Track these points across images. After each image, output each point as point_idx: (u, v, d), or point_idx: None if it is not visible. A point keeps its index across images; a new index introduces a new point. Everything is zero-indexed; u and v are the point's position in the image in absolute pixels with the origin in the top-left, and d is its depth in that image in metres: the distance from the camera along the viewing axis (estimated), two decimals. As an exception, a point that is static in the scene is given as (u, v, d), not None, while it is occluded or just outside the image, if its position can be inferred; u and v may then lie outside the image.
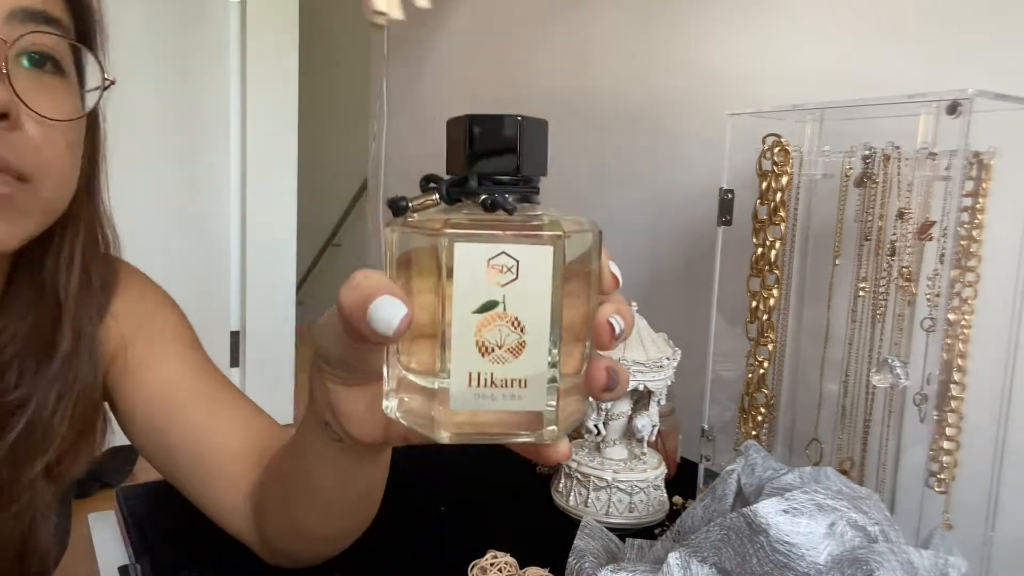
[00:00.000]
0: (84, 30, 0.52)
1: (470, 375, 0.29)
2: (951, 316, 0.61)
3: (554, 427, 0.30)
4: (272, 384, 2.41)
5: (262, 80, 2.19)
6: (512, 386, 0.29)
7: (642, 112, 1.08)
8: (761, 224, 0.72)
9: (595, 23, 1.16)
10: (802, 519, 0.46)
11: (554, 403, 0.30)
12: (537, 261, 0.28)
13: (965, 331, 0.62)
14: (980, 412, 0.64)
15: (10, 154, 0.44)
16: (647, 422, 0.72)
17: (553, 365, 0.29)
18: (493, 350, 0.29)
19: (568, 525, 0.68)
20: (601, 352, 0.32)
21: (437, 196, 0.31)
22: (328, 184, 3.31)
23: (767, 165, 0.71)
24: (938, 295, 0.59)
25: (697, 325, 0.79)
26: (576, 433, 0.85)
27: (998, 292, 0.64)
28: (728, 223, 0.74)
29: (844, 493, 0.50)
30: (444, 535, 0.69)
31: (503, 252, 0.28)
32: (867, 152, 0.64)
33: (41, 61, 0.47)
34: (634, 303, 0.74)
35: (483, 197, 0.30)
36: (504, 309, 0.28)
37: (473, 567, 0.59)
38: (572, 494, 0.74)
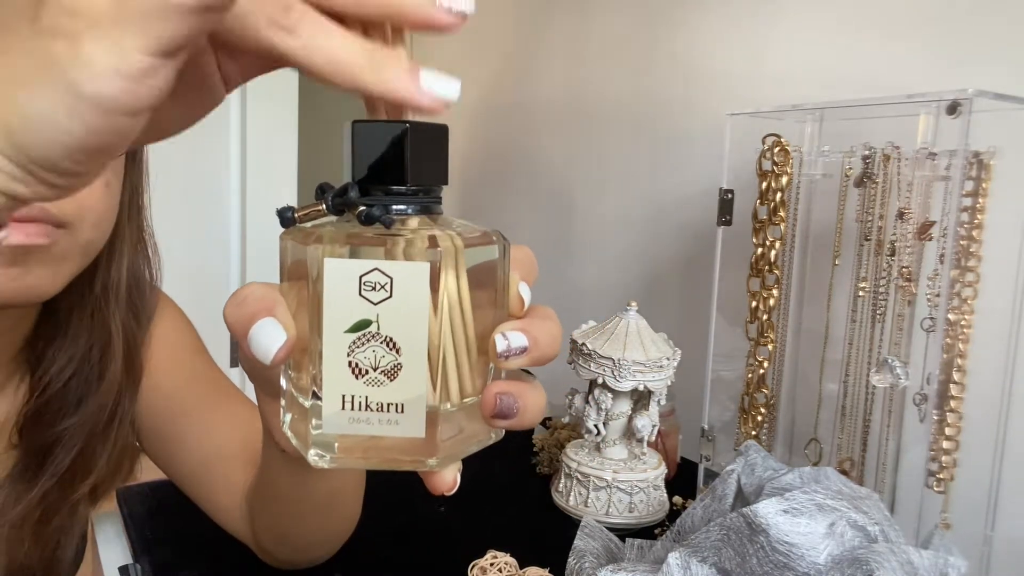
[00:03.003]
0: None
1: (343, 398, 0.27)
2: (951, 316, 0.61)
3: (433, 459, 0.28)
4: (272, 384, 2.40)
5: (262, 80, 2.19)
6: (388, 410, 0.27)
7: (642, 112, 1.08)
8: (761, 224, 0.72)
9: (595, 23, 1.16)
10: (802, 519, 0.46)
11: (435, 429, 0.27)
12: (412, 278, 0.26)
13: (965, 331, 0.62)
14: (980, 412, 0.64)
15: (49, 203, 0.43)
16: (647, 422, 0.72)
17: (434, 390, 0.27)
18: (367, 372, 0.27)
19: (568, 525, 0.68)
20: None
21: (324, 206, 0.29)
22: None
23: (767, 165, 0.71)
24: (938, 295, 0.59)
25: (697, 325, 0.79)
26: (576, 433, 0.85)
27: (998, 292, 0.64)
28: (728, 223, 0.74)
29: (844, 493, 0.50)
30: (444, 535, 0.69)
31: (376, 268, 0.26)
32: (867, 152, 0.64)
33: None
34: (634, 303, 0.74)
35: (360, 209, 0.27)
36: (378, 329, 0.26)
37: (473, 567, 0.59)
38: (572, 494, 0.74)
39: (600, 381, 0.71)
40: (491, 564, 0.59)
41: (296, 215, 0.29)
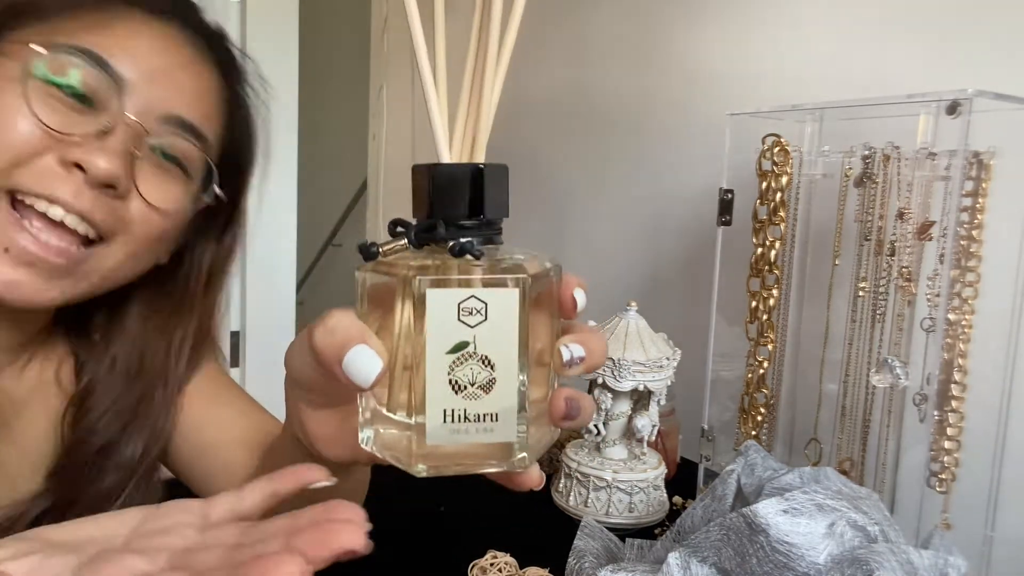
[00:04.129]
0: (233, 149, 0.55)
1: (444, 412, 0.30)
2: (951, 316, 0.61)
3: (524, 454, 0.31)
4: (272, 384, 2.39)
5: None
6: (484, 420, 0.30)
7: (642, 112, 1.08)
8: (761, 224, 0.72)
9: (595, 23, 1.16)
10: (802, 519, 0.46)
11: (524, 433, 0.31)
12: (504, 303, 0.30)
13: (965, 331, 0.62)
14: (980, 412, 0.64)
15: (99, 212, 0.45)
16: (647, 422, 0.72)
17: (522, 398, 0.31)
18: (465, 387, 0.30)
19: (568, 525, 0.68)
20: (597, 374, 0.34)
21: (406, 240, 0.33)
22: (328, 184, 3.31)
23: (767, 165, 0.71)
24: (938, 295, 0.59)
25: (697, 325, 0.79)
26: (576, 433, 0.85)
27: (998, 292, 0.64)
28: (728, 223, 0.74)
29: (844, 493, 0.50)
30: (444, 535, 0.69)
31: (472, 296, 0.30)
32: (867, 152, 0.64)
33: (172, 159, 0.50)
34: (633, 303, 0.74)
35: (451, 243, 0.31)
36: (475, 349, 0.30)
37: (473, 567, 0.59)
38: (572, 494, 0.74)
39: (600, 381, 0.71)
40: (491, 564, 0.59)
41: (381, 249, 0.32)
